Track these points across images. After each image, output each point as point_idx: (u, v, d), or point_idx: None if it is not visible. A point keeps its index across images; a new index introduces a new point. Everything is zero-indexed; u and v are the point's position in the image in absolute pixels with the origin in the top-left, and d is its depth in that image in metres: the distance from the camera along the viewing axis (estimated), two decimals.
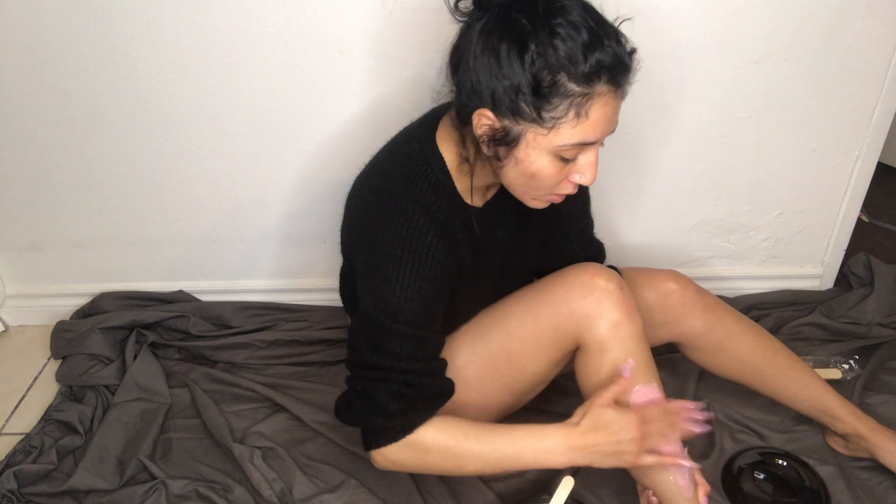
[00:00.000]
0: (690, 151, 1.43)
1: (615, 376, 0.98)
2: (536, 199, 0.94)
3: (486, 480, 1.19)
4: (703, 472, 1.19)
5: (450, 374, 1.02)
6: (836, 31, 1.30)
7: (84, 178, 1.43)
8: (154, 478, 1.20)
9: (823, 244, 1.59)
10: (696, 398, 1.33)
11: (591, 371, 1.01)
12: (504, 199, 1.02)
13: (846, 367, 1.39)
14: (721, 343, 1.19)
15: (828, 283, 1.64)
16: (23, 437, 1.30)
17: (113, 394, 1.36)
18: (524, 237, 1.10)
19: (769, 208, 1.52)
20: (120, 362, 1.42)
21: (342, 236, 1.09)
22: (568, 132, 0.83)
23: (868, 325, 1.48)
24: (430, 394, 0.97)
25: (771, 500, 1.16)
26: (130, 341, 1.45)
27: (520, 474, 1.21)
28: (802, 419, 1.26)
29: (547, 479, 1.19)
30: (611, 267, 1.13)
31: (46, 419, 1.33)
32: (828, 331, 1.49)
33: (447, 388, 1.00)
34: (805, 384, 1.19)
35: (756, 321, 1.49)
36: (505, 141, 0.86)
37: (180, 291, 1.58)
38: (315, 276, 1.57)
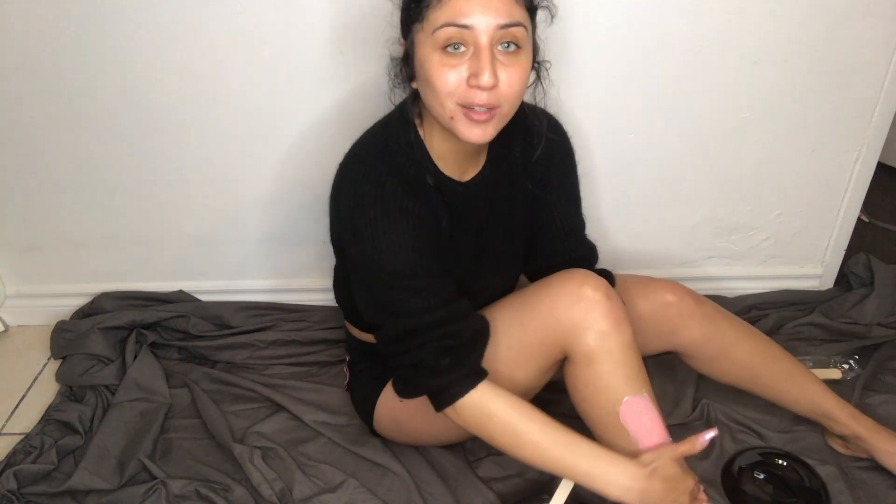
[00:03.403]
0: (690, 151, 1.43)
1: (604, 391, 0.97)
2: (456, 119, 0.88)
3: (486, 480, 1.19)
4: (703, 472, 1.20)
5: None
6: (836, 31, 1.30)
7: (84, 178, 1.43)
8: (154, 478, 1.20)
9: (823, 244, 1.59)
10: (695, 399, 1.33)
11: (579, 383, 1.00)
12: (485, 182, 1.04)
13: (846, 367, 1.39)
14: (719, 352, 1.18)
15: (828, 283, 1.64)
16: (23, 437, 1.30)
17: (113, 394, 1.36)
18: (503, 225, 1.09)
19: (769, 208, 1.52)
20: (120, 362, 1.42)
21: (330, 222, 1.08)
22: (435, 15, 0.85)
23: (868, 325, 1.48)
24: (469, 335, 0.97)
25: (771, 500, 1.16)
26: (130, 341, 1.45)
27: (519, 474, 1.21)
28: (802, 419, 1.25)
29: (547, 480, 1.19)
30: (605, 272, 1.12)
31: (46, 419, 1.33)
32: (828, 331, 1.49)
33: (483, 325, 1.01)
34: (804, 388, 1.19)
35: (756, 321, 1.50)
36: (409, 56, 0.92)
37: (180, 291, 1.58)
38: (315, 277, 1.57)
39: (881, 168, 1.64)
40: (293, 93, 1.32)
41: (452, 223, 1.02)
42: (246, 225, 1.50)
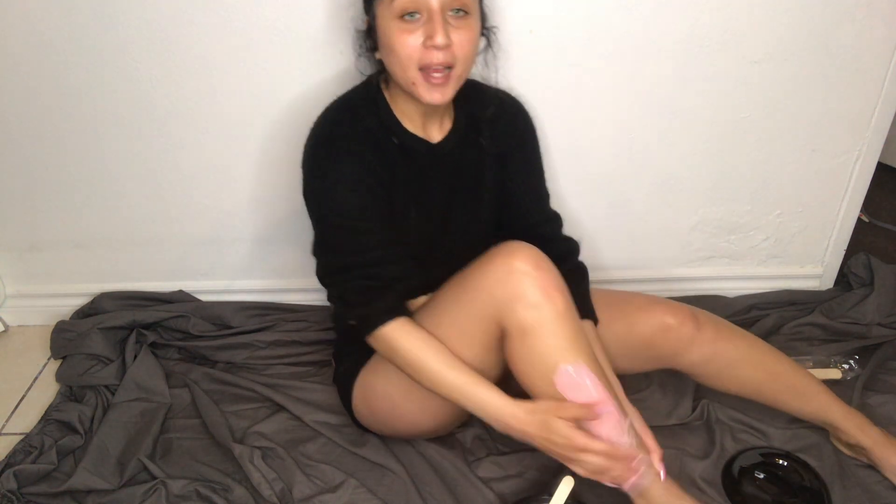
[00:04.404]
0: (690, 151, 1.43)
1: (539, 363, 0.97)
2: (417, 84, 0.98)
3: (486, 480, 1.19)
4: (704, 472, 1.20)
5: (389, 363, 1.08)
6: (836, 31, 1.30)
7: (84, 178, 1.43)
8: (154, 478, 1.20)
9: (823, 244, 1.59)
10: (696, 397, 1.33)
11: (515, 357, 0.99)
12: (453, 145, 1.11)
13: (846, 367, 1.39)
14: (720, 371, 1.19)
15: (828, 283, 1.64)
16: (23, 437, 1.29)
17: (113, 394, 1.36)
18: (471, 190, 1.14)
19: (769, 208, 1.52)
20: (120, 362, 1.42)
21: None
22: None
23: (868, 325, 1.48)
24: (388, 281, 1.04)
25: (772, 500, 1.16)
26: (130, 341, 1.45)
27: (519, 474, 1.21)
28: (802, 422, 1.25)
29: (547, 480, 1.19)
30: (570, 240, 1.19)
31: (46, 419, 1.33)
32: (828, 331, 1.49)
33: (404, 273, 1.06)
34: (808, 401, 1.19)
35: (756, 321, 1.50)
36: (371, 27, 1.00)
37: (180, 291, 1.58)
38: (314, 277, 1.57)
39: (881, 168, 1.64)
40: (293, 93, 1.32)
41: (419, 184, 1.09)
42: (246, 225, 1.50)
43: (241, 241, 1.52)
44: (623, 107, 1.37)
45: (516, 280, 0.97)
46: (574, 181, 1.44)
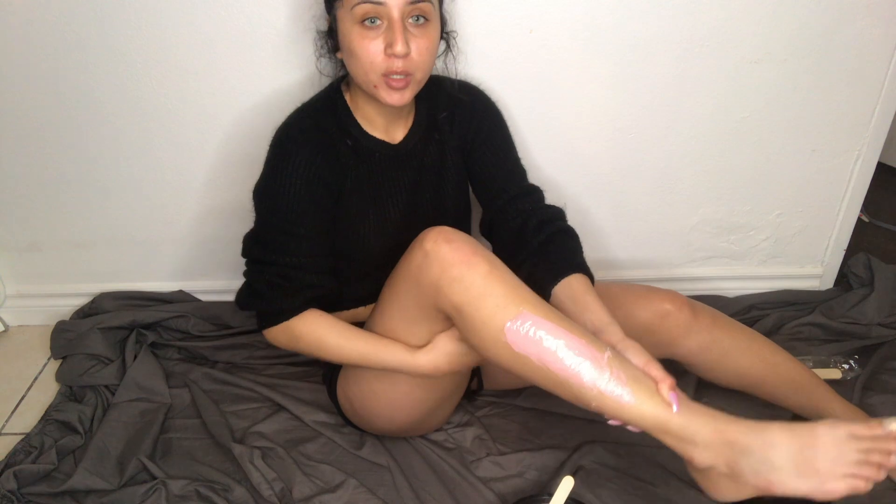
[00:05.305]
0: (690, 151, 1.43)
1: (486, 332, 0.92)
2: (378, 87, 0.99)
3: (486, 481, 1.19)
4: None
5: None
6: (836, 32, 1.30)
7: (84, 178, 1.43)
8: (154, 478, 1.20)
9: (823, 244, 1.59)
10: (696, 397, 1.33)
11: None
12: (415, 144, 1.12)
13: (846, 367, 1.39)
14: (718, 361, 1.19)
15: (828, 283, 1.64)
16: (23, 437, 1.30)
17: (113, 394, 1.36)
18: (434, 185, 1.16)
19: (769, 208, 1.52)
20: (120, 362, 1.42)
21: None
22: None
23: (868, 325, 1.48)
24: (300, 286, 1.07)
25: (772, 500, 1.15)
26: (130, 341, 1.45)
27: (519, 474, 1.21)
28: (803, 418, 1.25)
29: (547, 480, 1.19)
30: (556, 208, 1.16)
31: (46, 419, 1.33)
32: (828, 331, 1.49)
33: (319, 283, 1.09)
34: (808, 395, 1.19)
35: (756, 321, 1.50)
36: (332, 30, 1.02)
37: (180, 291, 1.58)
38: None
39: (881, 168, 1.64)
40: (294, 93, 1.32)
41: (378, 186, 1.11)
42: (246, 225, 1.49)
43: (242, 241, 1.52)
44: (623, 107, 1.37)
45: (431, 261, 0.95)
46: (573, 181, 1.44)
